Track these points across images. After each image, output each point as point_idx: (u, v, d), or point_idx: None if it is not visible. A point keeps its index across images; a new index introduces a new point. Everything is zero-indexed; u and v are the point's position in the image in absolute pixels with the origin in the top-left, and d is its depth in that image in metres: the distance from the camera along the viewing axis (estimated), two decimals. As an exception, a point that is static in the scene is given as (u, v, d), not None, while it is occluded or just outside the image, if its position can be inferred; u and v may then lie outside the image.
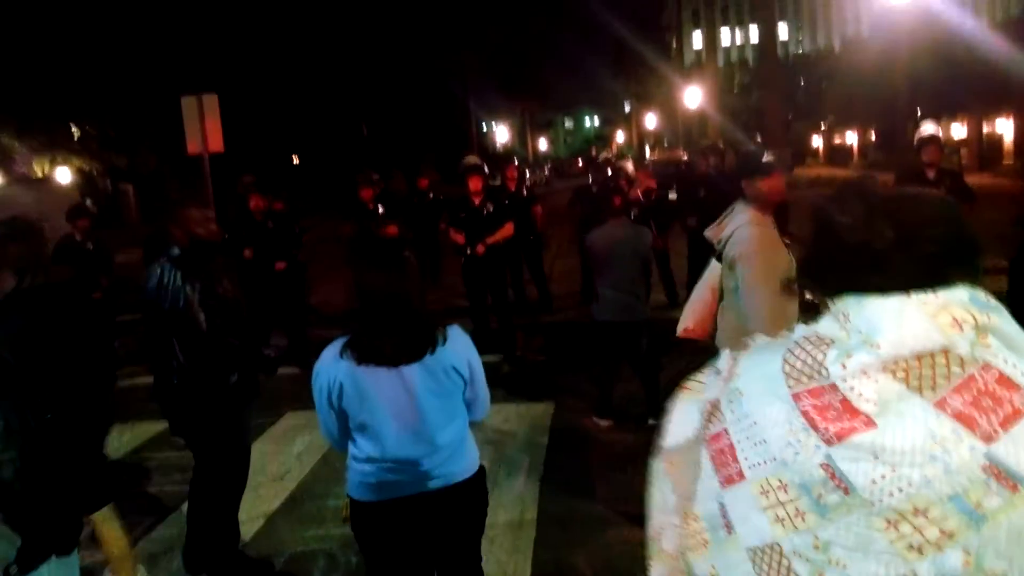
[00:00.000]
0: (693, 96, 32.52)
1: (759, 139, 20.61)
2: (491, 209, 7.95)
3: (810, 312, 3.46)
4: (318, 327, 9.19)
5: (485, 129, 77.94)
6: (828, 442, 1.07)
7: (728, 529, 1.16)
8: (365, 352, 2.54)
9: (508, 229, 7.97)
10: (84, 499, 3.02)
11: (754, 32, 52.09)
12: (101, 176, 25.17)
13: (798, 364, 1.14)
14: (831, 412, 1.08)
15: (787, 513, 1.09)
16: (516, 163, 11.33)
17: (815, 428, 1.08)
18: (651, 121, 65.00)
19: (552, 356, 8.25)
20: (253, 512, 4.79)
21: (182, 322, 3.63)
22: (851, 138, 48.32)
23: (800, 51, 64.60)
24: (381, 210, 8.93)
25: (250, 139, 27.50)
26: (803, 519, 1.08)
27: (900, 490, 1.01)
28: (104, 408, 3.22)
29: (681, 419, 1.37)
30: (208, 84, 11.97)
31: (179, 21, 19.61)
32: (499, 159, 15.99)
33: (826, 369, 1.11)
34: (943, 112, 28.33)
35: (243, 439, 4.09)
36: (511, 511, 4.63)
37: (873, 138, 43.28)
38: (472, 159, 8.26)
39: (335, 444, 2.78)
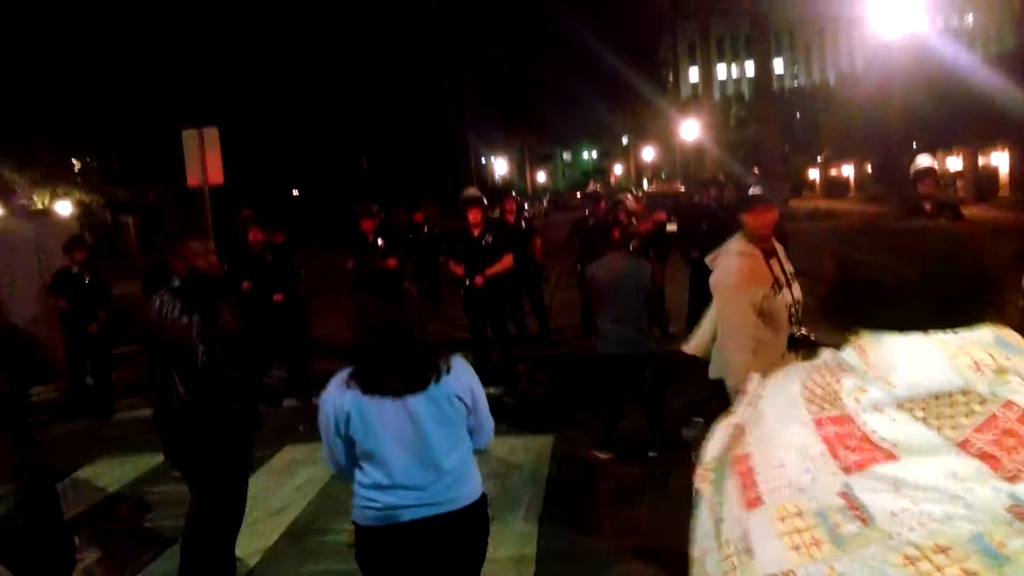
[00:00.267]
0: (690, 129, 32.79)
1: (756, 172, 20.75)
2: (490, 241, 7.97)
3: (803, 347, 3.47)
4: (319, 359, 9.16)
5: (484, 162, 78.42)
6: (847, 470, 1.05)
7: (749, 554, 1.14)
8: (369, 382, 2.59)
9: (507, 261, 7.98)
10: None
11: (750, 66, 52.61)
12: (101, 208, 25.25)
13: (817, 390, 1.13)
14: (851, 441, 1.07)
15: (803, 541, 1.07)
16: (515, 196, 11.35)
17: (835, 455, 1.07)
18: (649, 154, 65.46)
19: (553, 389, 8.22)
20: (251, 547, 4.73)
21: (182, 354, 3.62)
22: (847, 171, 48.64)
23: (796, 85, 65.25)
24: (381, 243, 8.95)
25: (251, 172, 27.63)
26: (819, 548, 1.05)
27: (921, 525, 0.99)
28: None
29: (713, 441, 1.36)
30: (210, 117, 12.05)
31: (182, 55, 19.80)
32: (498, 192, 16.07)
33: (840, 400, 1.10)
34: (939, 145, 28.54)
35: (242, 472, 4.06)
36: (512, 546, 4.57)
37: (869, 171, 43.58)
38: (471, 191, 8.31)
39: (341, 472, 2.81)
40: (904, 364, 1.07)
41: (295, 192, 39.93)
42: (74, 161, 23.23)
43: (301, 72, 33.34)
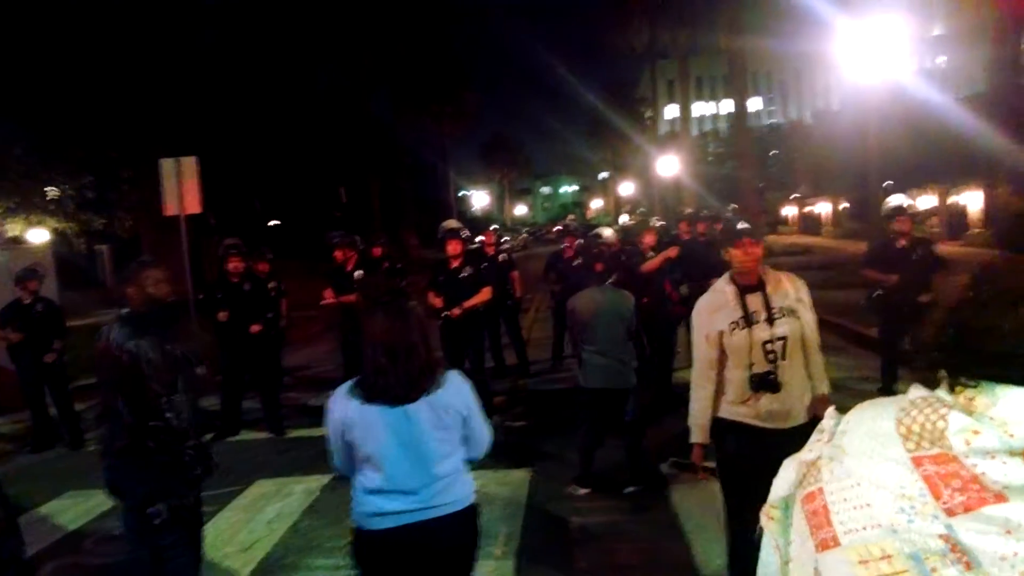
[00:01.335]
0: (668, 165, 33.13)
1: (733, 207, 20.99)
2: (469, 273, 7.95)
3: (763, 387, 3.45)
4: (294, 391, 9.06)
5: (463, 194, 78.78)
6: (950, 512, 0.98)
7: None
8: (373, 391, 2.79)
9: (485, 294, 7.95)
10: None
11: (727, 104, 53.44)
12: (76, 237, 24.98)
13: (916, 427, 1.06)
14: (956, 481, 0.99)
15: None
16: (494, 228, 11.33)
17: (937, 496, 1.00)
18: (627, 188, 65.98)
19: (531, 422, 8.15)
20: (220, 584, 4.61)
21: (129, 381, 3.57)
22: (822, 207, 49.26)
23: (772, 122, 66.25)
24: (359, 275, 8.90)
25: (230, 202, 27.53)
26: None
27: None
28: None
29: (781, 478, 1.26)
30: (189, 147, 11.99)
31: (161, 82, 19.76)
32: (477, 225, 16.10)
33: (948, 441, 1.02)
34: (913, 183, 29.00)
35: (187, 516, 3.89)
36: (488, 583, 4.49)
37: (844, 207, 44.14)
38: (451, 223, 8.28)
39: (344, 473, 2.98)
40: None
41: (274, 222, 39.81)
42: (49, 189, 23.01)
43: (282, 103, 33.41)
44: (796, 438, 3.70)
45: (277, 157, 33.86)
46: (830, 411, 1.23)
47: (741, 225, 3.69)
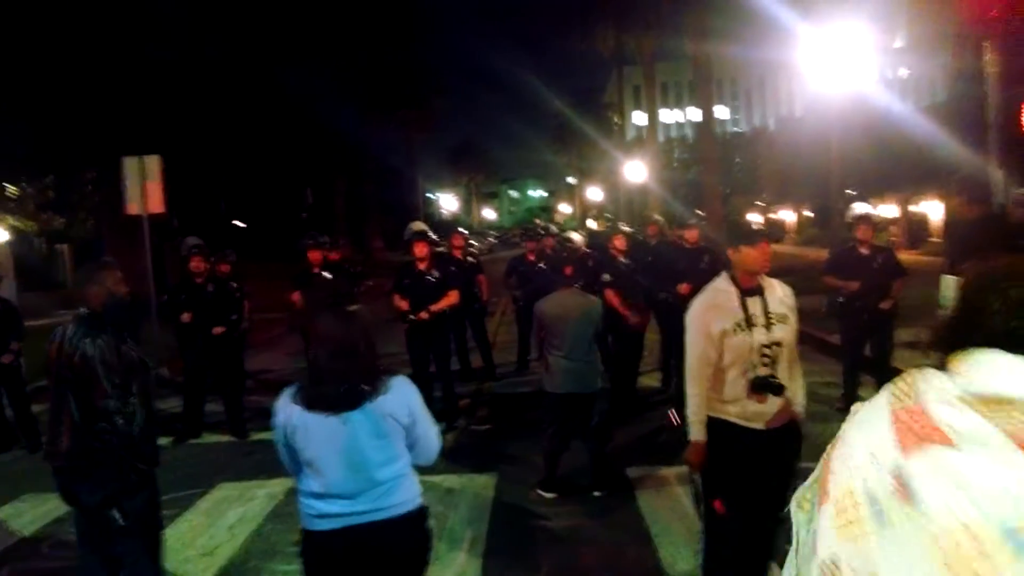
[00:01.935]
0: (635, 170, 33.31)
1: (698, 213, 21.21)
2: (436, 276, 7.91)
3: (766, 390, 3.47)
4: (256, 393, 8.97)
5: (431, 197, 78.58)
6: (905, 453, 1.09)
7: (815, 549, 1.18)
8: (312, 399, 2.79)
9: (452, 297, 7.93)
10: None
11: (693, 111, 53.94)
12: (37, 237, 24.52)
13: (902, 387, 1.19)
14: (917, 427, 1.11)
15: (851, 525, 1.11)
16: (462, 231, 11.30)
17: (901, 442, 1.11)
18: (594, 193, 66.26)
19: (497, 425, 8.15)
20: (180, 590, 4.54)
21: (80, 382, 3.52)
22: (787, 214, 49.91)
23: (737, 130, 66.95)
24: (327, 276, 8.81)
25: (193, 202, 27.17)
26: (863, 531, 1.09)
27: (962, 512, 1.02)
28: None
29: (816, 471, 1.37)
30: (155, 147, 11.82)
31: (124, 82, 19.44)
32: (445, 227, 16.05)
33: (921, 395, 1.15)
34: (874, 191, 29.50)
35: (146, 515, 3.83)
36: (453, 587, 4.47)
37: (807, 214, 44.76)
38: (418, 225, 8.23)
39: (294, 474, 2.98)
40: (993, 371, 1.13)
41: (238, 223, 39.37)
42: (8, 187, 22.55)
43: (248, 105, 33.08)
44: (775, 440, 3.75)
45: (243, 159, 33.53)
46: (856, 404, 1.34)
47: (757, 226, 3.68)
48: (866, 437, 1.18)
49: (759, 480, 3.57)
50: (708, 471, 3.65)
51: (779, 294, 3.67)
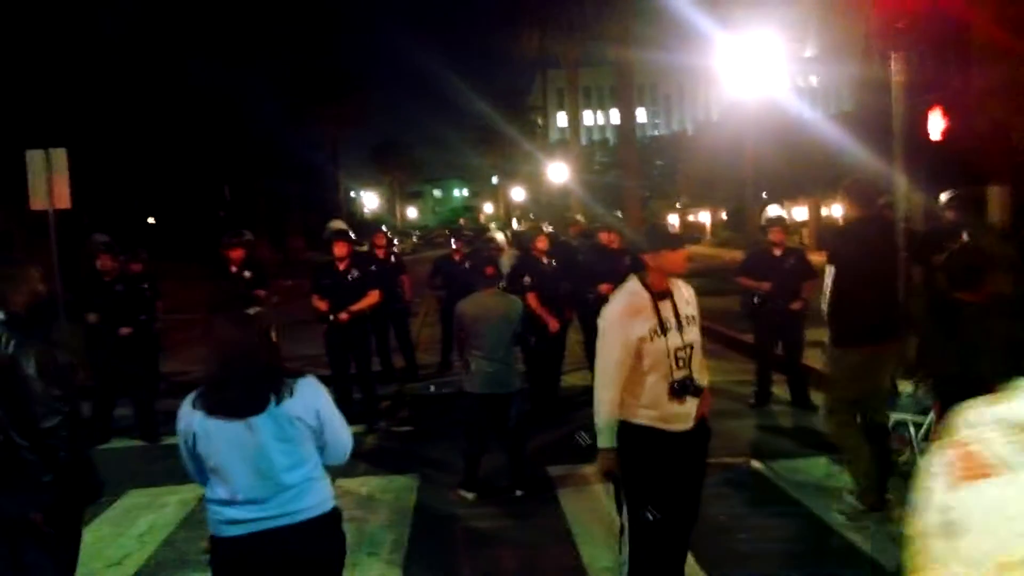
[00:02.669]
0: (557, 172, 33.60)
1: (617, 215, 21.54)
2: (356, 276, 7.81)
3: (686, 392, 3.50)
4: (169, 397, 8.67)
5: (353, 196, 77.60)
6: (950, 487, 1.20)
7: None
8: (212, 404, 2.73)
9: (372, 297, 7.83)
10: None
11: (615, 114, 54.91)
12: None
13: (952, 424, 1.30)
14: (960, 461, 1.21)
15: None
16: (385, 231, 11.20)
17: (948, 475, 1.21)
18: (518, 194, 66.55)
19: (418, 427, 8.09)
20: (85, 602, 4.35)
21: (9, 397, 3.32)
22: (705, 216, 51.10)
23: (657, 133, 68.22)
24: (248, 275, 8.56)
25: (104, 198, 26.19)
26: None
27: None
28: None
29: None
30: (64, 141, 11.34)
31: (30, 72, 18.62)
32: (367, 227, 15.82)
33: (962, 429, 1.25)
34: (786, 195, 30.49)
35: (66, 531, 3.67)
36: (372, 592, 4.42)
37: (723, 216, 45.93)
38: (337, 224, 8.10)
39: (199, 482, 2.93)
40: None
41: (151, 220, 38.09)
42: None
43: (164, 99, 32.08)
44: (691, 440, 3.80)
45: (158, 155, 32.51)
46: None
47: (675, 231, 3.68)
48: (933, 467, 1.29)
49: (681, 481, 3.61)
50: (632, 480, 3.59)
51: (685, 295, 3.69)
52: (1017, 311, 2.89)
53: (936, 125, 9.89)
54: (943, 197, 7.79)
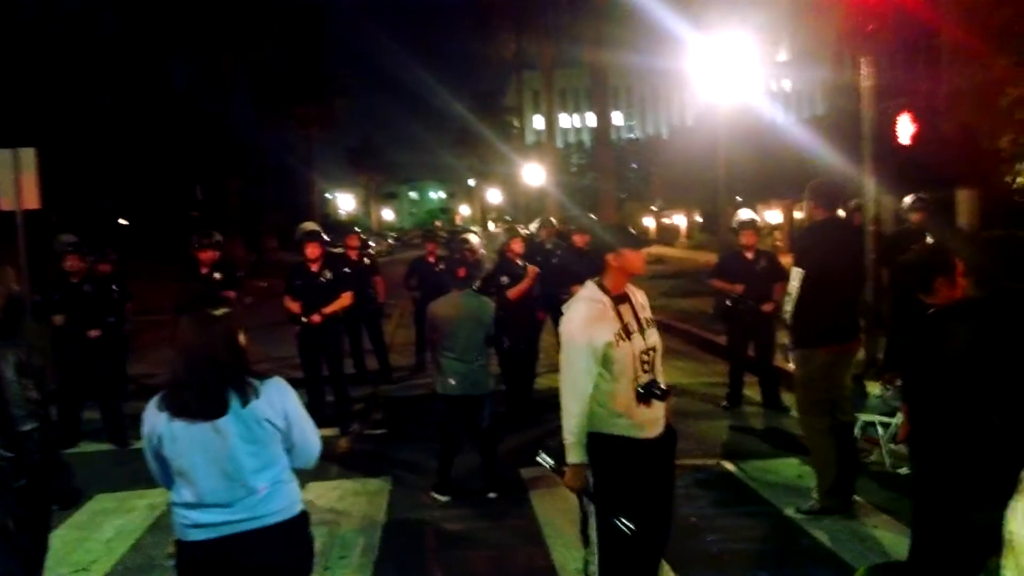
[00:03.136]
0: (533, 174, 33.67)
1: (592, 217, 21.67)
2: (329, 277, 7.76)
3: (651, 396, 3.47)
4: (138, 399, 8.57)
5: (329, 197, 77.22)
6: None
7: None
8: (175, 407, 2.70)
9: (345, 299, 7.78)
10: None
11: (591, 117, 55.14)
12: None
13: None
14: None
15: None
16: (358, 232, 11.11)
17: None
18: (494, 196, 66.59)
19: (391, 430, 8.05)
20: (49, 609, 4.28)
21: None
22: (680, 219, 51.39)
23: (632, 136, 68.54)
24: (218, 276, 8.46)
25: (75, 198, 25.85)
26: None
27: None
28: None
29: None
30: (31, 140, 11.18)
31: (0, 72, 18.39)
32: (342, 227, 15.67)
33: None
34: (759, 198, 30.75)
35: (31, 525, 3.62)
36: (343, 595, 4.39)
37: (697, 219, 46.21)
38: (309, 226, 8.04)
39: (165, 486, 2.89)
40: None
41: (123, 220, 37.64)
42: None
43: (135, 98, 31.75)
44: (661, 445, 3.75)
45: (129, 155, 32.14)
46: None
47: (634, 230, 3.64)
48: None
49: (655, 489, 3.56)
50: (607, 493, 3.45)
51: (640, 299, 3.63)
52: (980, 315, 2.90)
53: (905, 129, 10.02)
54: (906, 200, 7.92)
